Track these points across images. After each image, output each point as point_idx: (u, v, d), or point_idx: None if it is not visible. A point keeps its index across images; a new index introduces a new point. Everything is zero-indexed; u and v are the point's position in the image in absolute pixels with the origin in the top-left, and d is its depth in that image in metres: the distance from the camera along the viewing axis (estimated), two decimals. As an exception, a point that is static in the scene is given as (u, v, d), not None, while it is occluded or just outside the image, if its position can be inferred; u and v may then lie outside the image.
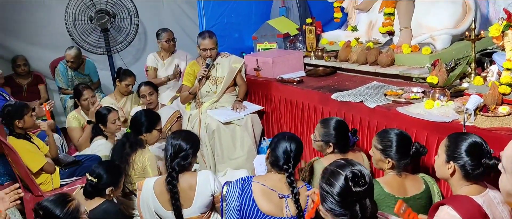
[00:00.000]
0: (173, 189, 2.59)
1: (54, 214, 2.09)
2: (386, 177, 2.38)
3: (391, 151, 2.35)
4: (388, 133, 2.41)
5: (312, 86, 3.79)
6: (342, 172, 1.70)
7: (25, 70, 5.53)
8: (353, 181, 1.67)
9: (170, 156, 2.64)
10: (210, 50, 4.10)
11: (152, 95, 4.28)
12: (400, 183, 2.34)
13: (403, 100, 3.01)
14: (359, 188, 1.66)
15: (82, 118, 4.23)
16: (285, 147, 2.39)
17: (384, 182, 2.31)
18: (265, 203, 2.38)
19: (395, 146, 2.35)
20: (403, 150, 2.36)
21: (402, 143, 2.36)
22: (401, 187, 2.32)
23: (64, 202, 2.14)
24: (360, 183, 1.67)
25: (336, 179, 1.70)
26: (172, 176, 2.61)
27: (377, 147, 2.40)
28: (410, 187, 2.35)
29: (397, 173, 2.37)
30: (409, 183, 2.36)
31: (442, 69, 2.84)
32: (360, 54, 3.86)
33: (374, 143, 2.43)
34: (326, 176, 1.75)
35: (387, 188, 2.27)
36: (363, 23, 4.48)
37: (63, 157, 3.73)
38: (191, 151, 2.68)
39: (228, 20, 5.21)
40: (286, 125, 4.03)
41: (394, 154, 2.35)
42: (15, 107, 3.36)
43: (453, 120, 2.57)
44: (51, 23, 5.57)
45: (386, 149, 2.36)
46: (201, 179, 2.67)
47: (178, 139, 2.68)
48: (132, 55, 6.09)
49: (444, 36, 3.57)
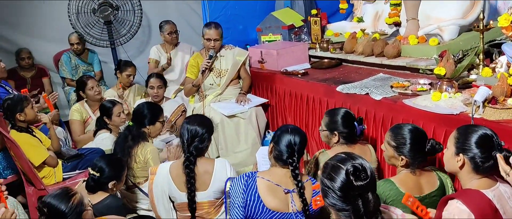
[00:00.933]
0: (191, 173, 2.60)
1: (60, 210, 2.09)
2: (400, 176, 2.30)
3: (405, 148, 2.26)
4: (402, 129, 2.30)
5: (317, 79, 3.75)
6: (343, 166, 1.66)
7: (29, 63, 5.53)
8: (355, 175, 1.63)
9: (187, 141, 2.65)
10: (214, 41, 4.07)
11: (160, 88, 4.25)
12: (415, 182, 2.27)
13: (409, 92, 2.96)
14: (361, 182, 1.63)
15: (85, 111, 4.21)
16: (289, 140, 2.34)
17: (399, 181, 2.24)
18: (271, 198, 2.34)
19: (409, 144, 2.25)
20: (417, 147, 2.26)
21: (417, 140, 2.26)
22: (416, 186, 2.25)
23: (67, 197, 2.14)
24: (362, 177, 1.63)
25: (337, 174, 1.66)
26: (190, 160, 2.62)
27: (390, 144, 2.31)
28: (425, 185, 2.28)
29: (411, 171, 2.28)
30: (424, 180, 2.29)
31: (450, 60, 2.78)
32: (366, 46, 3.80)
33: (387, 139, 2.34)
34: (327, 170, 1.71)
35: (403, 188, 2.20)
36: (369, 14, 4.43)
37: (65, 150, 3.71)
38: (207, 134, 2.70)
39: (232, 12, 5.17)
40: (291, 118, 3.99)
41: (408, 151, 2.26)
42: (15, 100, 3.33)
43: (461, 113, 2.52)
44: (55, 16, 5.55)
45: (400, 146, 2.27)
46: (218, 165, 2.70)
47: (194, 124, 2.68)
48: (136, 47, 6.06)
49: (451, 27, 3.51)
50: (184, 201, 2.68)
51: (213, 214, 2.72)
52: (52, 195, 2.15)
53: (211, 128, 2.78)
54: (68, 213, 2.09)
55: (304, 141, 2.39)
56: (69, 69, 5.49)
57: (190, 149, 2.64)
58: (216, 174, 2.68)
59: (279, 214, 2.35)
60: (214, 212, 2.73)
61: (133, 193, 3.28)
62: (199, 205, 2.68)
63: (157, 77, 4.28)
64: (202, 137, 2.67)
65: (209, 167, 2.69)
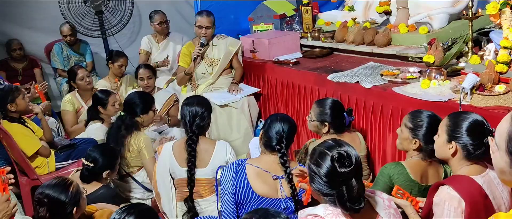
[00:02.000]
0: (192, 151, 2.72)
1: (61, 200, 2.12)
2: (411, 161, 2.27)
3: (420, 131, 2.23)
4: (422, 113, 2.28)
5: (308, 68, 3.77)
6: (329, 153, 1.69)
7: (20, 54, 5.51)
8: (339, 162, 1.66)
9: (189, 121, 2.77)
10: (206, 28, 4.08)
11: (150, 79, 4.23)
12: (424, 170, 2.25)
13: (399, 80, 2.99)
14: (345, 169, 1.66)
15: (77, 101, 4.20)
16: (278, 128, 2.38)
17: (409, 166, 2.22)
18: (260, 185, 2.38)
19: (425, 128, 2.22)
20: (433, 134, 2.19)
21: (434, 127, 2.18)
22: (424, 175, 2.25)
23: (65, 186, 2.17)
24: (346, 164, 1.66)
25: (323, 160, 1.69)
26: (193, 139, 2.74)
27: (407, 126, 2.27)
28: (432, 176, 2.27)
29: (422, 157, 2.26)
30: (431, 171, 2.28)
31: (439, 48, 2.81)
32: (357, 35, 3.82)
33: (405, 121, 2.30)
34: (314, 157, 1.74)
35: (412, 174, 2.19)
36: (360, 3, 4.44)
37: (58, 140, 3.73)
38: (206, 113, 2.83)
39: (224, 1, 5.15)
40: (283, 107, 4.01)
41: (423, 135, 2.22)
42: (5, 91, 3.33)
43: (449, 100, 2.55)
44: (45, 6, 5.51)
45: (416, 128, 2.24)
46: (218, 145, 2.84)
47: (193, 105, 2.81)
48: (127, 37, 6.04)
49: (441, 15, 3.54)
50: (183, 177, 2.80)
51: (208, 192, 2.81)
52: (49, 186, 2.17)
53: (210, 107, 2.91)
54: (68, 202, 2.12)
55: (293, 129, 2.44)
56: (61, 59, 5.47)
57: (192, 128, 2.76)
58: (216, 153, 2.80)
59: (269, 200, 2.39)
60: (209, 191, 2.81)
61: (126, 182, 3.30)
62: (197, 182, 2.79)
63: (145, 68, 4.26)
64: (202, 116, 2.80)
65: (210, 147, 2.82)
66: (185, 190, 2.82)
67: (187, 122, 2.78)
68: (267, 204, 2.39)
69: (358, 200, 1.67)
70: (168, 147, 2.89)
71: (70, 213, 2.14)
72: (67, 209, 2.13)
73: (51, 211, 2.12)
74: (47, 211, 2.11)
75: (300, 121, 3.75)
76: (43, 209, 2.12)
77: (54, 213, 2.12)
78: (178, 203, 2.89)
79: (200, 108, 2.81)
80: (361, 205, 1.68)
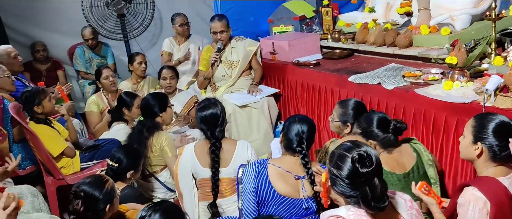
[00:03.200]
0: (216, 158, 2.76)
1: (95, 195, 2.17)
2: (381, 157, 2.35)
3: (371, 132, 2.40)
4: (367, 116, 2.47)
5: (329, 69, 3.77)
6: (348, 155, 1.70)
7: (44, 55, 5.61)
8: (360, 163, 1.67)
9: (208, 129, 2.78)
10: (220, 33, 4.11)
11: (173, 79, 4.26)
12: (397, 160, 2.37)
13: (421, 82, 2.98)
14: (366, 169, 1.67)
15: (102, 102, 4.27)
16: (297, 129, 2.39)
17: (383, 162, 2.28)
18: (281, 184, 2.40)
19: (374, 128, 2.39)
20: (382, 130, 2.40)
21: (381, 126, 2.40)
22: (398, 164, 2.35)
23: (101, 183, 2.22)
24: (367, 164, 1.67)
25: (343, 162, 1.70)
26: (216, 145, 2.77)
27: (356, 131, 2.45)
28: (407, 160, 2.40)
29: (387, 151, 2.41)
30: (404, 158, 2.40)
31: (462, 50, 2.79)
32: (378, 36, 3.81)
33: (355, 129, 2.48)
34: (334, 160, 1.75)
35: (387, 167, 2.28)
36: (380, 4, 4.43)
37: (83, 141, 3.78)
38: (223, 113, 2.84)
39: (243, 4, 5.18)
40: (303, 108, 4.02)
41: (375, 134, 2.40)
42: (32, 93, 3.39)
43: (473, 101, 2.54)
44: (69, 9, 5.62)
45: (366, 131, 2.42)
46: (240, 145, 2.86)
47: (208, 109, 2.80)
48: (148, 40, 6.13)
49: (463, 16, 3.51)
50: (205, 177, 2.83)
51: (230, 191, 2.84)
52: (86, 182, 2.23)
53: (222, 106, 2.89)
54: (102, 198, 2.18)
55: (312, 129, 2.44)
56: (83, 62, 5.56)
57: (215, 134, 2.77)
58: (237, 152, 2.83)
59: (290, 200, 2.40)
60: (230, 190, 2.83)
61: (149, 182, 3.34)
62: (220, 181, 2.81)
63: (169, 69, 4.31)
64: (221, 118, 2.81)
65: (231, 146, 2.84)
66: (207, 190, 2.85)
67: (207, 131, 2.78)
68: (288, 204, 2.40)
69: (382, 199, 1.69)
70: (190, 148, 2.92)
71: (103, 210, 2.19)
72: (100, 205, 2.18)
73: (85, 205, 2.17)
74: (81, 204, 2.16)
75: (320, 122, 3.76)
76: (77, 202, 2.17)
77: (88, 207, 2.17)
78: (200, 203, 2.93)
79: (215, 110, 2.81)
80: (385, 203, 1.69)
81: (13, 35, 5.63)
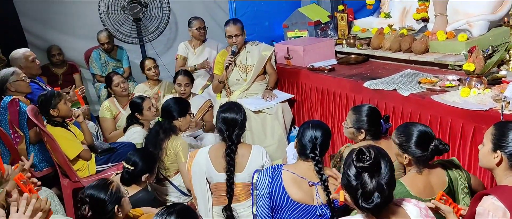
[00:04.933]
0: (231, 161, 2.77)
1: (101, 198, 2.20)
2: (409, 177, 2.24)
3: (409, 147, 2.20)
4: (407, 127, 2.26)
5: (344, 74, 3.76)
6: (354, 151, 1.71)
7: (60, 59, 5.68)
8: (357, 156, 1.67)
9: (227, 131, 2.80)
10: (235, 36, 4.13)
11: (187, 86, 4.26)
12: (425, 182, 2.21)
13: (438, 88, 2.95)
14: (361, 163, 1.66)
15: (115, 107, 4.31)
16: (311, 135, 2.39)
17: (409, 182, 2.19)
18: (295, 190, 2.39)
19: (413, 143, 2.19)
20: (421, 147, 2.19)
21: (421, 142, 2.19)
22: (426, 187, 2.20)
23: (105, 185, 2.25)
24: (362, 159, 1.67)
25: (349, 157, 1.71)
26: (232, 148, 2.79)
27: (395, 142, 2.27)
28: (435, 185, 2.23)
29: (417, 171, 2.23)
30: (433, 180, 2.24)
31: (479, 56, 2.76)
32: (394, 41, 3.79)
33: (392, 137, 2.31)
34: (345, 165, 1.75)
35: (413, 191, 2.16)
36: (396, 9, 4.41)
37: (98, 144, 3.82)
38: (244, 120, 2.86)
39: (258, 8, 5.21)
40: (317, 114, 4.01)
41: (412, 150, 2.19)
42: (47, 97, 3.44)
43: (490, 109, 2.51)
44: (86, 13, 5.68)
45: (403, 144, 2.22)
46: (255, 150, 2.87)
47: (230, 112, 2.83)
48: (163, 44, 6.16)
49: (481, 22, 3.47)
50: (220, 181, 2.85)
51: (244, 196, 2.85)
52: (91, 186, 2.26)
53: (245, 113, 2.92)
54: (108, 200, 2.20)
55: (326, 135, 2.43)
56: (99, 65, 5.63)
57: (231, 137, 2.80)
58: (252, 157, 2.84)
59: (304, 206, 2.39)
60: (245, 195, 2.85)
61: (163, 185, 3.36)
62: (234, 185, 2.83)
63: (185, 75, 4.32)
64: (241, 124, 2.84)
65: (246, 151, 2.86)
66: (221, 194, 2.87)
67: (225, 131, 2.81)
68: (302, 210, 2.39)
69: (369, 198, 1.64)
70: (205, 151, 2.93)
71: (112, 211, 2.21)
72: (108, 207, 2.20)
73: (92, 209, 2.19)
74: (88, 209, 2.19)
75: (335, 127, 3.74)
76: (84, 208, 2.20)
77: (95, 211, 2.20)
78: (214, 207, 2.94)
79: (238, 116, 2.84)
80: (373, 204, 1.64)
81: (32, 38, 5.71)
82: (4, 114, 3.62)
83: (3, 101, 3.65)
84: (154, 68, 4.65)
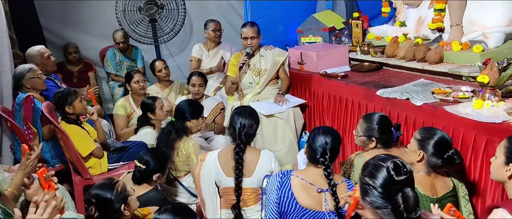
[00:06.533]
0: (239, 159, 2.80)
1: (106, 198, 2.23)
2: (418, 177, 2.33)
3: (427, 145, 2.35)
4: (433, 129, 2.42)
5: (357, 82, 3.75)
6: (384, 164, 1.70)
7: (76, 57, 5.76)
8: (395, 171, 1.67)
9: (238, 129, 2.85)
10: (251, 38, 4.16)
11: (201, 86, 4.34)
12: (431, 183, 2.34)
13: (451, 99, 2.94)
14: (402, 177, 1.67)
15: (130, 106, 4.35)
16: (321, 140, 2.40)
17: (417, 182, 2.21)
18: (304, 196, 2.40)
19: (433, 143, 2.34)
20: (439, 149, 2.34)
21: (440, 144, 2.34)
22: (432, 187, 2.32)
23: (111, 185, 2.27)
24: (402, 172, 1.67)
25: (378, 171, 1.70)
26: (240, 147, 2.83)
27: (416, 137, 2.41)
28: (440, 188, 2.36)
29: (426, 172, 2.36)
30: (438, 183, 2.37)
31: (494, 68, 2.74)
32: (408, 50, 3.77)
33: (415, 134, 2.45)
34: (368, 169, 1.75)
35: (422, 189, 2.26)
36: (412, 18, 4.38)
37: (111, 142, 3.86)
38: (255, 124, 2.93)
39: (273, 13, 5.21)
40: (329, 120, 4.01)
41: (428, 149, 2.34)
42: (64, 94, 3.50)
43: (504, 122, 2.48)
44: (103, 13, 5.76)
45: (424, 140, 2.37)
46: (264, 155, 2.90)
47: (244, 115, 2.90)
48: (177, 45, 6.21)
49: (497, 34, 3.45)
50: (228, 186, 2.87)
51: (253, 201, 2.86)
52: (96, 186, 2.30)
53: (258, 119, 2.99)
54: (114, 200, 2.23)
55: (336, 141, 2.45)
56: (113, 64, 5.69)
57: (241, 136, 2.84)
58: (261, 162, 2.87)
59: (312, 212, 2.40)
60: (253, 200, 2.86)
61: (173, 186, 3.39)
62: (243, 190, 2.84)
63: (199, 76, 4.37)
64: (251, 126, 2.89)
65: (255, 156, 2.89)
66: (231, 198, 2.88)
67: (236, 129, 2.86)
68: (310, 216, 2.40)
69: (414, 210, 1.68)
70: (214, 155, 2.95)
71: (119, 210, 2.24)
72: (115, 206, 2.23)
73: (99, 208, 2.22)
74: (95, 209, 2.22)
75: (346, 134, 3.74)
76: (91, 208, 2.23)
77: (102, 210, 2.23)
78: (222, 210, 2.95)
79: (250, 119, 2.90)
80: (417, 214, 1.68)
81: (49, 36, 5.81)
82: (19, 111, 3.69)
83: (18, 97, 3.72)
84: (164, 69, 4.69)
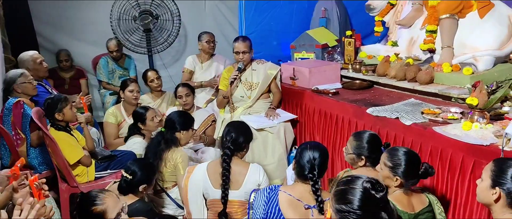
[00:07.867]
0: (227, 166, 2.81)
1: None
2: (395, 195, 2.34)
3: (400, 169, 2.32)
4: (398, 151, 2.38)
5: (347, 99, 3.77)
6: (356, 186, 1.69)
7: (67, 65, 5.73)
8: (374, 189, 1.66)
9: (227, 141, 2.89)
10: (243, 53, 4.17)
11: (188, 96, 4.34)
12: (408, 200, 2.35)
13: (440, 120, 2.96)
14: (381, 193, 1.67)
15: (120, 114, 4.32)
16: (309, 156, 2.40)
17: (395, 199, 2.27)
18: (291, 213, 2.39)
19: (404, 165, 2.31)
20: (412, 169, 2.34)
21: (412, 163, 2.34)
22: (409, 204, 2.33)
23: None
24: (379, 189, 1.68)
25: (353, 195, 1.69)
26: (227, 154, 2.85)
27: (386, 164, 2.37)
28: (416, 204, 2.36)
29: (404, 191, 2.35)
30: (415, 200, 2.37)
31: (483, 91, 2.78)
32: (399, 70, 3.81)
33: (383, 160, 2.40)
34: (341, 197, 1.72)
35: (399, 206, 2.26)
36: (404, 38, 4.44)
37: (99, 151, 3.83)
38: (246, 138, 2.97)
39: (268, 28, 5.26)
40: (319, 136, 4.02)
41: (402, 173, 2.32)
42: (54, 101, 3.47)
43: (491, 144, 2.51)
44: (97, 21, 5.76)
45: (396, 167, 2.33)
46: (252, 168, 2.91)
47: (238, 129, 2.96)
48: (171, 56, 6.22)
49: (487, 57, 3.50)
50: (216, 198, 2.87)
51: (240, 214, 2.85)
52: None
53: (251, 135, 3.07)
54: None
55: (324, 156, 2.45)
56: (106, 73, 5.67)
57: (229, 144, 2.88)
58: (249, 175, 2.88)
59: None
60: (241, 213, 2.85)
61: (160, 197, 3.36)
62: (230, 203, 2.84)
63: (183, 86, 4.37)
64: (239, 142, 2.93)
65: (244, 169, 2.89)
66: (218, 210, 2.86)
67: (226, 138, 2.89)
68: (297, 233, 2.39)
69: None
70: (203, 167, 2.95)
71: None
72: None
73: None
74: None
75: (335, 151, 3.75)
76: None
77: None
78: (209, 222, 2.94)
79: (241, 132, 2.95)
80: None
81: (43, 42, 5.79)
82: (8, 115, 3.66)
83: (8, 102, 3.69)
84: (156, 79, 4.66)
